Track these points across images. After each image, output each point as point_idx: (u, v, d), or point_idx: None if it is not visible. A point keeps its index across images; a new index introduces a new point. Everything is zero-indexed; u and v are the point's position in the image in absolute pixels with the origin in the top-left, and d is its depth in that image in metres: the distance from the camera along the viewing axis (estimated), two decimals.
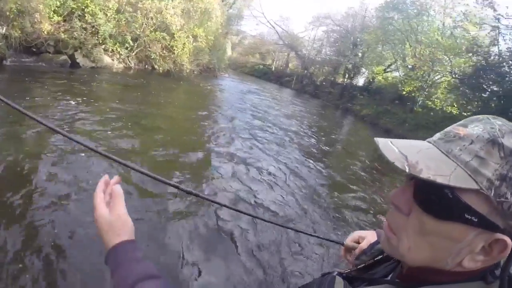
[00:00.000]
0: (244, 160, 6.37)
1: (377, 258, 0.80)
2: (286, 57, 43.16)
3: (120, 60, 14.42)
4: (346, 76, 31.37)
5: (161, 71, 16.50)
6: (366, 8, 29.78)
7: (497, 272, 0.52)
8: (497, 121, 0.51)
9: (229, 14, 27.05)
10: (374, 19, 28.18)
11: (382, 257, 0.78)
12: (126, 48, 14.49)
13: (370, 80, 28.74)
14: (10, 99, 0.74)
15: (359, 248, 0.94)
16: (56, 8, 10.47)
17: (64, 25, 10.92)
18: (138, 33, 14.87)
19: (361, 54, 29.11)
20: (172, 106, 10.09)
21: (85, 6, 11.61)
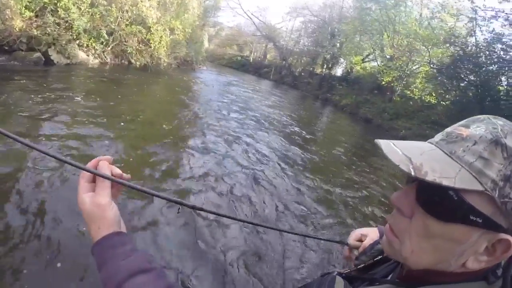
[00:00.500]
0: (227, 152, 6.43)
1: (377, 258, 0.80)
2: (264, 48, 43.08)
3: (95, 55, 13.77)
4: (325, 66, 31.55)
5: (138, 66, 15.96)
6: None
7: (498, 271, 0.52)
8: (498, 121, 0.51)
9: (205, 5, 26.51)
10: (352, 10, 28.35)
11: (382, 257, 0.79)
12: (102, 43, 13.86)
13: (349, 70, 29.01)
14: None
15: (363, 246, 0.96)
16: (27, 3, 9.74)
17: (36, 21, 10.19)
18: (113, 27, 14.21)
19: (339, 45, 29.30)
20: (151, 101, 9.84)
21: (57, 1, 10.93)
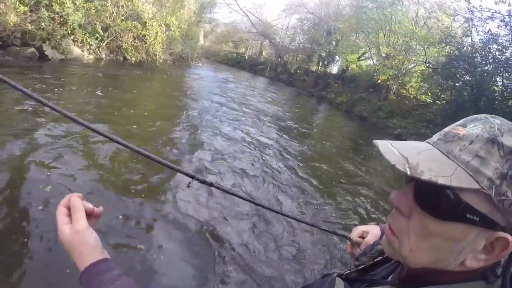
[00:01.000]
0: (227, 143, 6.73)
1: (377, 259, 0.80)
2: (259, 45, 42.87)
3: (90, 51, 13.64)
4: (320, 64, 31.48)
5: (133, 62, 15.88)
6: None
7: (498, 271, 0.53)
8: (495, 120, 0.51)
9: (201, 1, 26.36)
10: (348, 8, 28.32)
11: (382, 258, 0.79)
12: (97, 38, 13.72)
13: (344, 68, 29.00)
14: None
15: (365, 242, 0.98)
16: None
17: (31, 15, 10.02)
18: (108, 22, 14.07)
19: (335, 42, 29.22)
20: (147, 97, 9.88)
21: None
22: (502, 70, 13.82)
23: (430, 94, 18.66)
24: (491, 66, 14.20)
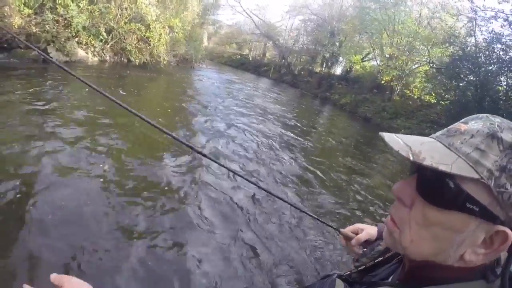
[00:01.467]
0: (234, 139, 7.12)
1: (377, 260, 0.81)
2: (263, 46, 42.93)
3: (94, 53, 13.71)
4: (324, 65, 31.47)
5: (137, 63, 15.88)
6: None
7: (498, 270, 0.54)
8: (496, 118, 0.53)
9: (205, 3, 26.42)
10: (351, 9, 28.26)
11: (382, 259, 0.80)
12: (101, 40, 13.79)
13: (348, 69, 28.91)
14: None
15: (356, 238, 1.01)
16: (26, 0, 9.79)
17: (35, 18, 10.13)
18: (112, 24, 14.15)
19: (338, 44, 29.19)
20: (153, 98, 9.99)
21: None
22: (506, 69, 13.73)
23: (434, 94, 18.56)
24: (495, 66, 14.12)
